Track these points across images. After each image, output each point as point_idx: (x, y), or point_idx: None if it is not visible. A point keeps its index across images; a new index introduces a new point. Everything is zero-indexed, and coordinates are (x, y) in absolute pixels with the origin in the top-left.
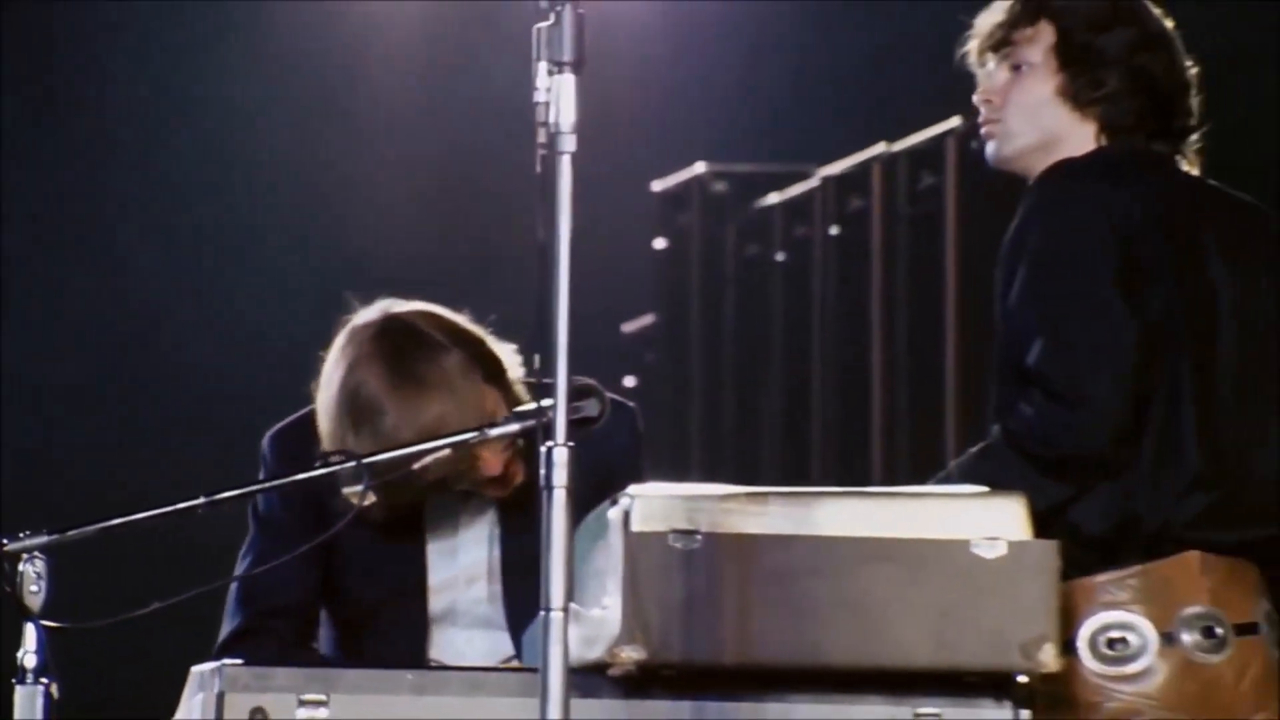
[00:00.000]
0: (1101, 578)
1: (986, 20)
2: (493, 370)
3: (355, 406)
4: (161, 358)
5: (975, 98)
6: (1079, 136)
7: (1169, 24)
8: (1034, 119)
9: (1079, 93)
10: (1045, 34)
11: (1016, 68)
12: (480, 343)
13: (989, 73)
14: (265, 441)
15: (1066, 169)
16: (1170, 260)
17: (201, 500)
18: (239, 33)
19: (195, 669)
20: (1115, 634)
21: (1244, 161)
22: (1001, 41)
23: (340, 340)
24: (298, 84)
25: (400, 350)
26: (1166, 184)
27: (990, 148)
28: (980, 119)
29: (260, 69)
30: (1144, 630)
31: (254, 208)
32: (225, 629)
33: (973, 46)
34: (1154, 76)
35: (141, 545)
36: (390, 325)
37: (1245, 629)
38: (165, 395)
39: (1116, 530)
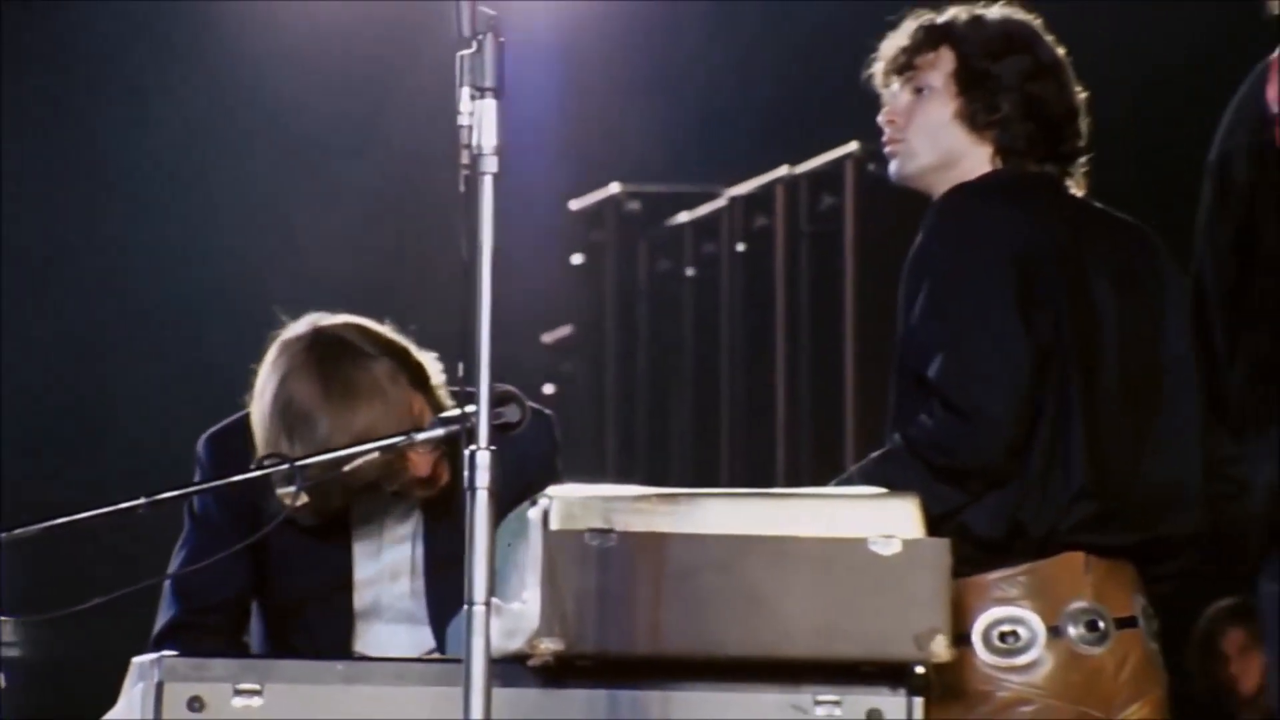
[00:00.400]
0: (993, 575)
1: (891, 45)
2: (418, 377)
3: (289, 416)
4: (101, 367)
5: (880, 118)
6: (975, 157)
7: (1060, 52)
8: (934, 140)
9: (976, 116)
10: (946, 60)
11: (919, 90)
12: (405, 351)
13: (893, 94)
14: (200, 444)
15: (966, 192)
16: (1059, 285)
17: (143, 500)
18: (173, 55)
19: (136, 660)
20: (1006, 628)
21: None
22: (905, 65)
23: (272, 353)
24: (229, 105)
25: (330, 361)
26: (1055, 208)
27: (893, 165)
28: (884, 138)
29: (192, 90)
30: (1033, 624)
31: (188, 226)
32: (160, 621)
33: (878, 69)
34: (1045, 103)
35: (88, 542)
36: (319, 337)
37: (1125, 622)
38: (110, 400)
39: (1006, 534)
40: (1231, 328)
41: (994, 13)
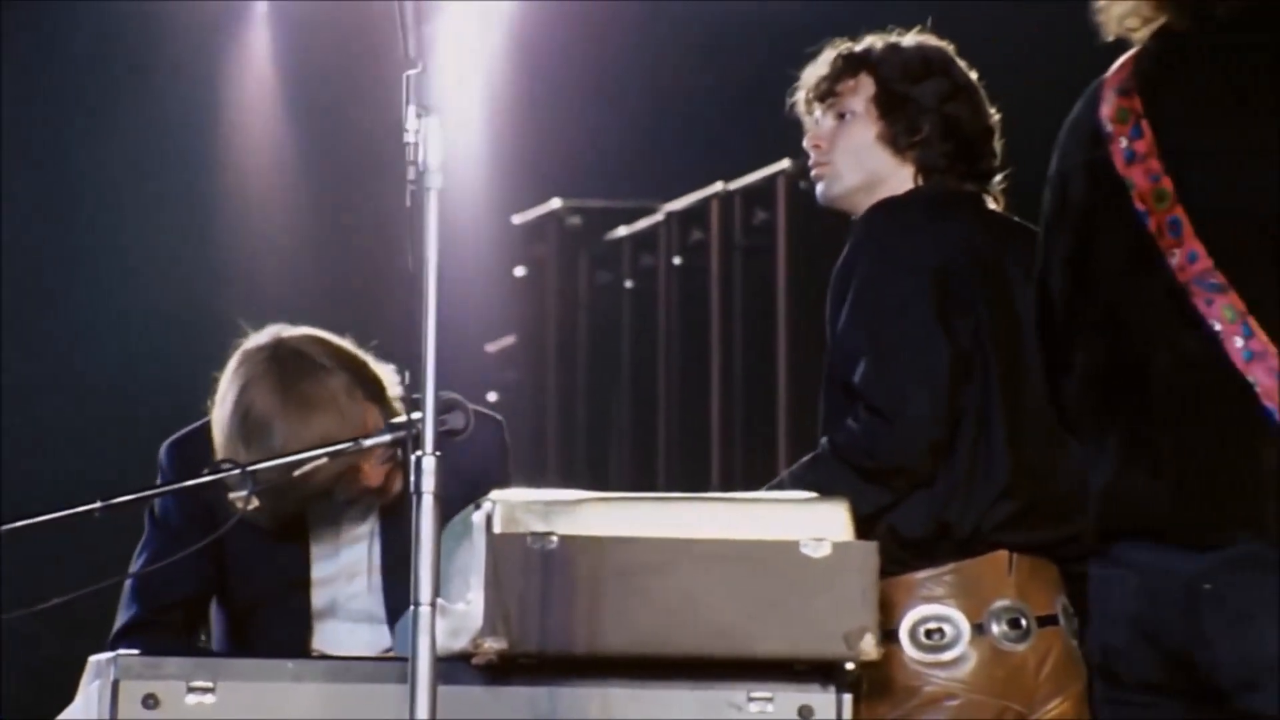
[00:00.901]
0: (920, 575)
1: (812, 73)
2: (374, 390)
3: (247, 424)
4: (70, 379)
5: (805, 143)
6: (898, 177)
7: (974, 76)
8: (858, 162)
9: (898, 138)
10: (866, 85)
11: (841, 116)
12: (363, 365)
13: (816, 120)
14: (162, 450)
15: (889, 206)
16: (979, 294)
17: (99, 505)
18: (126, 68)
19: (93, 658)
20: (933, 625)
21: None
22: (827, 92)
23: (234, 362)
24: (182, 120)
25: (289, 372)
26: (977, 221)
27: (820, 188)
28: (810, 162)
29: (145, 105)
30: (958, 622)
31: (147, 241)
32: (120, 620)
33: (800, 97)
34: (962, 122)
35: (48, 543)
36: (280, 349)
37: (1046, 620)
38: (76, 410)
39: (933, 533)
40: (1069, 336)
41: (909, 40)
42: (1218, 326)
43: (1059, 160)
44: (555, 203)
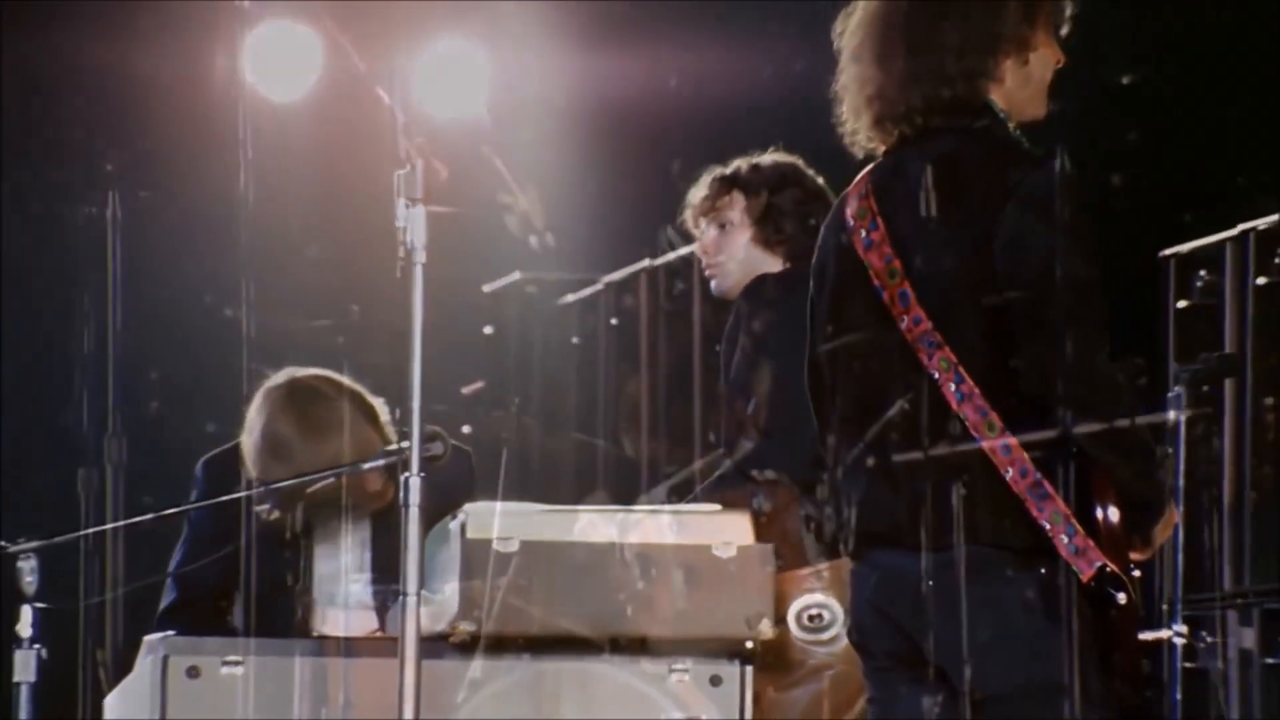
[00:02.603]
0: (803, 571)
1: (695, 194)
2: (372, 416)
3: (273, 448)
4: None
5: (696, 250)
6: (770, 263)
7: (821, 181)
8: (740, 262)
9: (768, 239)
10: (738, 200)
11: (722, 226)
12: (361, 395)
13: (703, 231)
14: (198, 467)
15: (770, 276)
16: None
17: (150, 516)
18: (158, 133)
19: (147, 638)
20: (814, 611)
21: None
22: (709, 209)
23: (258, 399)
24: (213, 191)
25: (305, 403)
26: None
27: (713, 284)
28: (704, 264)
29: (187, 172)
30: (834, 608)
31: (185, 293)
32: (164, 603)
33: (688, 214)
34: (817, 218)
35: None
36: (296, 385)
37: None
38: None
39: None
40: (832, 389)
41: (767, 158)
42: (936, 374)
43: (818, 252)
44: (517, 275)
